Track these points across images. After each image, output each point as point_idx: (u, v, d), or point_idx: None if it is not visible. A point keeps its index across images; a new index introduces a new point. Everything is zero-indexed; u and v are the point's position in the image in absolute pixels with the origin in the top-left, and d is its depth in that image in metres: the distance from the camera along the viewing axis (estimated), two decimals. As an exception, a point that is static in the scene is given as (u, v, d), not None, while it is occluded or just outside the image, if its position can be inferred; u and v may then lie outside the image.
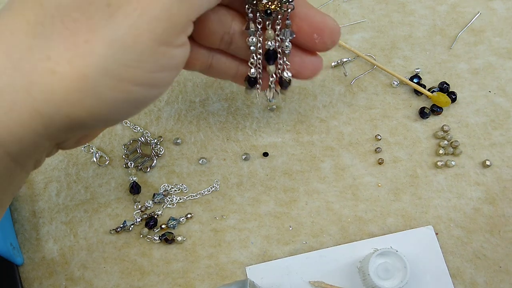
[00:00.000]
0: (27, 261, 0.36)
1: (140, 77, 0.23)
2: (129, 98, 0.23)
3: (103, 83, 0.22)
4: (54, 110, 0.22)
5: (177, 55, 0.24)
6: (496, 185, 0.38)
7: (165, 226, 0.37)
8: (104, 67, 0.22)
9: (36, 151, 0.24)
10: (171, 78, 0.25)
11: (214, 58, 0.31)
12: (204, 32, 0.29)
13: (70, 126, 0.23)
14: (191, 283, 0.36)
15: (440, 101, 0.39)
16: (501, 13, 0.43)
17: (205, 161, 0.39)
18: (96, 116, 0.23)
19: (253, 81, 0.32)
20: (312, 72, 0.32)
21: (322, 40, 0.30)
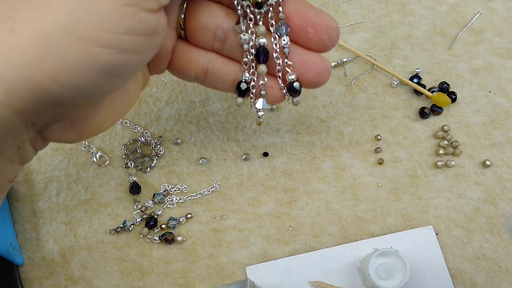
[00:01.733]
0: (27, 261, 0.36)
1: (104, 37, 0.21)
2: (95, 61, 0.22)
3: (63, 42, 0.21)
4: (13, 73, 0.20)
5: (147, 20, 0.23)
6: (496, 185, 0.38)
7: (165, 226, 0.37)
8: (64, 24, 0.21)
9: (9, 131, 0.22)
10: (143, 46, 0.24)
11: (209, 61, 0.30)
12: (195, 26, 0.28)
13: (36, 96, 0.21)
14: (191, 283, 0.36)
15: (440, 101, 0.39)
16: (501, 13, 0.43)
17: (205, 161, 0.39)
18: (60, 82, 0.21)
19: (245, 86, 0.29)
20: (318, 74, 0.29)
21: (318, 36, 0.28)
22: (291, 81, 0.29)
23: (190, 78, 0.31)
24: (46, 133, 0.25)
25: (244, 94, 0.30)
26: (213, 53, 0.30)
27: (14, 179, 0.26)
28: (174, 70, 0.31)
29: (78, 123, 0.27)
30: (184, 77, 0.31)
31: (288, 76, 0.29)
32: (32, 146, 0.25)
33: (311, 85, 0.30)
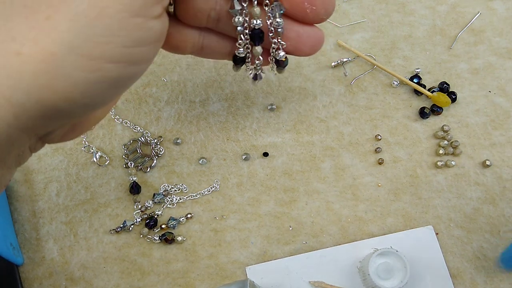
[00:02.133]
0: (27, 261, 0.36)
1: (112, 52, 0.21)
2: (104, 77, 0.21)
3: (72, 62, 0.20)
4: (23, 96, 0.20)
5: (154, 27, 0.22)
6: (496, 185, 0.38)
7: (165, 226, 0.37)
8: (71, 44, 0.20)
9: (13, 145, 0.22)
10: (151, 54, 0.23)
11: (205, 38, 0.29)
12: (189, 10, 0.28)
13: (45, 114, 0.21)
14: (191, 283, 0.36)
15: (440, 101, 0.39)
16: (501, 13, 0.43)
17: (205, 161, 0.39)
18: (70, 100, 0.21)
19: (240, 60, 0.30)
20: (312, 46, 0.30)
21: (315, 11, 0.28)
22: (280, 58, 0.30)
23: (185, 53, 0.31)
24: (47, 138, 0.25)
25: (241, 65, 0.30)
26: (207, 30, 0.29)
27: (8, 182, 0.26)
28: (168, 48, 0.30)
29: (78, 125, 0.27)
30: (179, 53, 0.31)
31: (278, 52, 0.29)
32: (30, 151, 0.25)
33: (305, 55, 0.30)
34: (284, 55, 0.30)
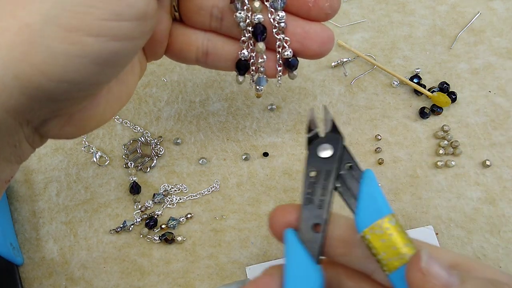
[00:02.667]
0: (27, 261, 0.36)
1: (91, 25, 0.20)
2: (84, 51, 0.20)
3: (50, 33, 0.20)
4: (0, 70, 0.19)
5: (136, 4, 0.22)
6: (496, 185, 0.37)
7: (165, 226, 0.37)
8: (48, 14, 0.20)
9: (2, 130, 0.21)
10: (134, 32, 0.22)
11: (209, 41, 0.29)
12: (191, 8, 0.27)
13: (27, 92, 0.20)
14: (191, 283, 0.36)
15: (440, 101, 0.39)
16: (501, 13, 0.43)
17: (205, 161, 0.39)
18: (50, 76, 0.20)
19: (244, 65, 0.29)
20: (320, 44, 0.28)
21: (318, 5, 0.27)
22: (288, 57, 0.29)
23: (191, 60, 0.30)
24: (43, 129, 0.24)
25: (244, 72, 0.29)
26: (212, 33, 0.29)
27: (11, 179, 0.25)
28: (173, 54, 0.30)
29: (76, 117, 0.26)
30: (184, 60, 0.30)
31: (284, 52, 0.28)
32: (29, 144, 0.24)
33: (316, 55, 0.29)
34: (291, 53, 0.28)
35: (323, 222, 0.26)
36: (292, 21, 0.28)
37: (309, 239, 0.26)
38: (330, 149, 0.27)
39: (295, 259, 0.26)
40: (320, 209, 0.26)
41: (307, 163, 0.27)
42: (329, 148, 0.27)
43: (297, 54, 0.29)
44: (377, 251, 0.24)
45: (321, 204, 0.26)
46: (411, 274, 0.21)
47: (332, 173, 0.27)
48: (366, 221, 0.25)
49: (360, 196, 0.26)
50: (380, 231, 0.24)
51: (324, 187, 0.27)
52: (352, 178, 0.26)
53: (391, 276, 0.24)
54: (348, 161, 0.27)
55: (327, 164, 0.27)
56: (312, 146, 0.28)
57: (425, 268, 0.21)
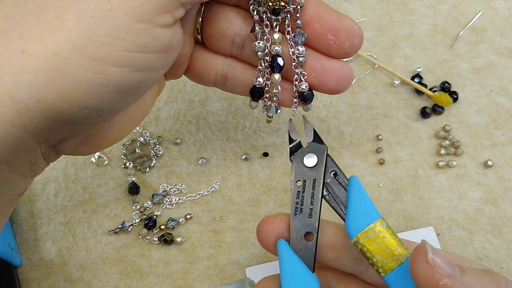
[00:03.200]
0: (25, 262, 0.36)
1: (116, 56, 0.21)
2: (107, 80, 0.21)
3: (75, 62, 0.20)
4: (25, 94, 0.20)
5: (161, 36, 0.22)
6: (498, 185, 0.37)
7: (164, 226, 0.36)
8: (75, 43, 0.20)
9: (21, 149, 0.22)
10: (158, 63, 0.23)
11: (229, 66, 0.29)
12: (213, 33, 0.28)
13: (49, 116, 0.21)
14: (191, 284, 0.35)
15: (442, 100, 0.39)
16: (503, 12, 0.42)
17: (205, 161, 0.38)
18: (73, 102, 0.21)
19: (259, 92, 0.29)
20: (339, 82, 0.28)
21: (339, 43, 0.27)
22: (303, 91, 0.29)
23: (209, 83, 0.30)
24: (60, 147, 0.25)
25: (258, 99, 0.30)
26: (232, 59, 0.29)
27: (24, 192, 0.25)
28: (192, 76, 0.30)
29: (92, 137, 0.26)
30: (203, 82, 0.31)
31: (300, 85, 0.29)
32: (44, 159, 0.25)
33: (332, 92, 0.29)
34: (307, 87, 0.29)
35: (315, 230, 0.27)
36: (312, 56, 0.28)
37: (302, 248, 0.27)
38: (314, 158, 0.28)
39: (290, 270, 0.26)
40: (310, 218, 0.27)
41: (293, 173, 0.28)
42: (314, 156, 0.28)
43: (314, 88, 0.29)
44: (372, 254, 0.25)
45: (311, 212, 0.27)
46: (418, 266, 0.22)
47: (320, 181, 0.28)
48: (358, 226, 0.26)
49: (349, 202, 0.27)
50: (373, 235, 0.25)
51: (312, 195, 0.27)
52: (337, 185, 0.28)
53: (387, 278, 0.25)
54: (332, 169, 0.28)
55: (313, 172, 0.28)
56: (297, 156, 0.29)
57: (432, 259, 0.21)
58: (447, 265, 0.22)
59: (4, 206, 0.24)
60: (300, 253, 0.27)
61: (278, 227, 0.27)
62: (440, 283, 0.21)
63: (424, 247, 0.22)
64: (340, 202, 0.27)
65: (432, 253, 0.22)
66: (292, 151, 0.29)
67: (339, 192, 0.27)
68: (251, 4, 0.27)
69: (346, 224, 0.26)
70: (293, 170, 0.28)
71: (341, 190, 0.27)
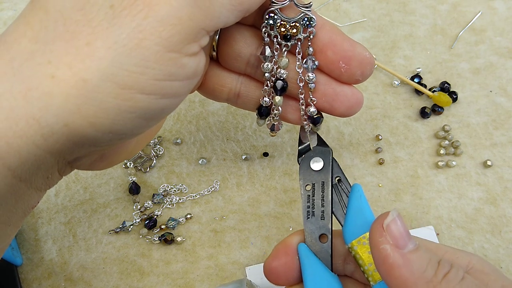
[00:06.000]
0: (26, 261, 0.36)
1: (145, 84, 0.21)
2: (134, 107, 0.21)
3: (105, 89, 0.21)
4: (52, 118, 0.20)
5: (188, 64, 0.22)
6: (497, 185, 0.37)
7: (164, 226, 0.36)
8: (105, 71, 0.20)
9: (40, 168, 0.22)
10: (182, 90, 0.23)
11: (242, 84, 0.30)
12: (229, 53, 0.28)
13: (72, 139, 0.21)
14: (191, 283, 0.35)
15: (441, 100, 0.39)
16: (502, 12, 0.42)
17: (205, 161, 0.38)
18: (98, 127, 0.21)
19: (265, 110, 0.30)
20: (349, 107, 0.29)
21: (350, 70, 0.27)
22: (312, 115, 0.29)
23: (221, 99, 0.31)
24: (76, 164, 0.25)
25: (265, 117, 0.30)
26: (245, 77, 0.30)
27: (37, 204, 0.26)
28: (205, 92, 0.31)
29: (108, 155, 0.27)
30: (215, 98, 0.31)
31: (309, 108, 0.29)
32: (59, 174, 0.25)
33: (342, 116, 0.30)
34: (315, 111, 0.29)
35: (328, 232, 0.27)
36: (323, 80, 0.28)
37: (318, 250, 0.27)
38: (320, 161, 0.29)
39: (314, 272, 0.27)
40: (323, 220, 0.28)
41: (301, 176, 0.29)
42: (320, 160, 0.29)
43: (324, 112, 0.30)
44: (363, 262, 0.26)
45: (323, 214, 0.28)
46: (372, 228, 0.23)
47: (328, 183, 0.28)
48: (354, 233, 0.26)
49: (349, 209, 0.27)
50: (368, 243, 0.26)
51: (322, 198, 0.28)
52: (340, 191, 0.28)
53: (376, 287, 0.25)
54: (337, 174, 0.29)
55: (320, 176, 0.29)
56: (305, 160, 0.29)
57: (387, 225, 0.22)
58: (402, 236, 0.22)
59: (18, 218, 0.24)
60: (317, 255, 0.27)
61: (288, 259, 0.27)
62: (381, 246, 0.22)
63: (389, 213, 0.23)
64: (341, 208, 0.28)
65: (393, 220, 0.22)
66: (301, 153, 0.30)
67: (342, 198, 0.28)
68: (264, 27, 0.27)
69: (343, 229, 0.27)
70: (301, 175, 0.29)
71: (344, 197, 0.28)
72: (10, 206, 0.23)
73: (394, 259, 0.21)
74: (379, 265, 0.22)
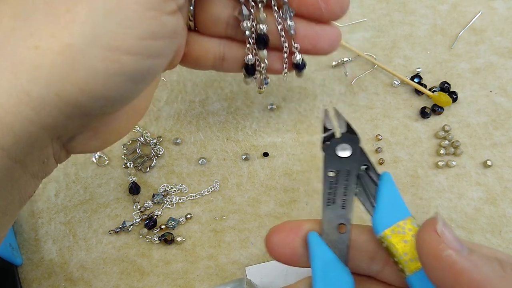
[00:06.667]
0: (26, 261, 0.36)
1: (130, 44, 0.21)
2: (122, 69, 0.22)
3: (91, 53, 0.21)
4: (42, 89, 0.20)
5: (168, 23, 0.23)
6: (497, 185, 0.37)
7: (164, 226, 0.36)
8: (89, 35, 0.20)
9: (35, 146, 0.22)
10: (166, 50, 0.24)
11: (225, 47, 0.30)
12: (208, 18, 0.29)
13: (65, 110, 0.21)
14: (191, 283, 0.35)
15: (441, 100, 0.39)
16: (502, 12, 0.42)
17: (205, 161, 0.38)
18: (89, 93, 0.21)
19: (251, 68, 0.31)
20: (330, 44, 0.31)
21: (330, 7, 0.29)
22: (298, 62, 0.30)
23: (207, 67, 0.31)
24: (71, 145, 0.25)
25: (252, 74, 0.31)
26: (227, 40, 0.30)
27: (33, 194, 0.26)
28: (190, 63, 0.31)
29: (101, 131, 0.26)
30: (201, 67, 0.31)
31: (294, 57, 0.30)
32: (55, 160, 0.25)
33: (325, 53, 0.31)
34: (301, 58, 0.30)
35: (348, 222, 0.26)
36: (304, 25, 0.30)
37: (334, 240, 0.26)
38: (348, 149, 0.27)
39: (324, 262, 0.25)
40: (344, 209, 0.26)
41: (326, 163, 0.27)
42: (348, 148, 0.27)
43: (307, 53, 0.31)
44: (398, 252, 0.24)
45: (344, 204, 0.26)
46: (425, 235, 0.22)
47: (354, 172, 0.27)
48: (387, 222, 0.25)
49: (380, 198, 0.26)
50: (403, 232, 0.24)
51: (346, 186, 0.27)
52: (369, 180, 0.27)
53: (411, 278, 0.24)
54: (364, 163, 0.27)
55: (347, 164, 0.27)
56: (330, 146, 0.28)
57: (441, 230, 0.21)
58: (456, 240, 0.21)
59: (14, 208, 0.24)
60: (333, 245, 0.26)
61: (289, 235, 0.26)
62: (444, 253, 0.21)
63: (436, 218, 0.22)
64: (371, 197, 0.26)
65: (443, 225, 0.22)
66: (325, 140, 0.28)
67: (370, 187, 0.26)
68: None
69: (374, 218, 0.25)
70: (326, 160, 0.27)
71: (372, 185, 0.26)
72: (7, 193, 0.23)
73: (462, 264, 0.21)
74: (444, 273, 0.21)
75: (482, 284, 0.20)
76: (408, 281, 0.24)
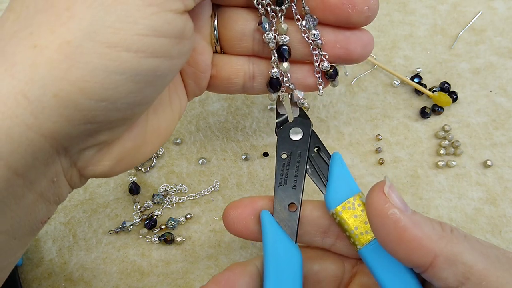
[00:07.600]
0: (26, 261, 0.36)
1: (130, 41, 0.20)
2: (122, 67, 0.21)
3: (89, 49, 0.20)
4: (39, 89, 0.19)
5: (173, 21, 0.22)
6: (497, 185, 0.37)
7: (164, 226, 0.36)
8: (87, 30, 0.20)
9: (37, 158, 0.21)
10: (173, 50, 0.22)
11: (254, 65, 0.30)
12: (233, 36, 0.28)
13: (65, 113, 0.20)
14: (191, 284, 0.35)
15: (441, 100, 0.39)
16: (502, 12, 0.42)
17: (205, 161, 0.38)
18: (89, 93, 0.20)
19: (276, 83, 0.30)
20: (364, 47, 0.29)
21: (357, 7, 0.27)
22: (326, 69, 0.29)
23: (237, 89, 0.31)
24: (81, 162, 0.24)
25: (276, 90, 0.30)
26: (255, 58, 0.30)
27: (47, 220, 0.24)
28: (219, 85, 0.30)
29: (113, 149, 0.25)
30: (230, 89, 0.31)
31: (322, 64, 0.29)
32: (67, 181, 0.24)
33: (360, 59, 0.30)
34: (329, 65, 0.29)
35: (298, 201, 0.28)
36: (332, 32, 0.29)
37: (285, 219, 0.28)
38: (300, 133, 0.29)
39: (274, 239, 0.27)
40: (294, 189, 0.28)
41: (278, 146, 0.29)
42: (299, 131, 0.30)
43: (341, 60, 0.30)
44: (349, 226, 0.26)
45: (295, 184, 0.28)
46: (373, 196, 0.23)
47: (304, 154, 0.29)
48: (338, 199, 0.27)
49: (331, 176, 0.28)
50: (353, 208, 0.27)
51: (297, 168, 0.29)
52: (321, 161, 0.29)
53: (363, 250, 0.26)
54: (316, 145, 0.29)
55: (298, 146, 0.29)
56: (283, 130, 0.30)
57: (388, 191, 0.23)
58: (401, 201, 0.23)
59: (23, 232, 0.23)
60: (283, 223, 0.28)
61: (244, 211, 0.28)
62: (389, 212, 0.22)
63: (384, 181, 0.23)
64: (323, 176, 0.28)
65: (390, 187, 0.23)
66: (278, 125, 0.30)
67: (322, 167, 0.29)
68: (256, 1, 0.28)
69: (326, 196, 0.27)
70: (279, 143, 0.29)
71: (324, 165, 0.29)
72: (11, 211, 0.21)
73: (405, 222, 0.22)
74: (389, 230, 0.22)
75: (423, 241, 0.22)
76: (360, 253, 0.26)
